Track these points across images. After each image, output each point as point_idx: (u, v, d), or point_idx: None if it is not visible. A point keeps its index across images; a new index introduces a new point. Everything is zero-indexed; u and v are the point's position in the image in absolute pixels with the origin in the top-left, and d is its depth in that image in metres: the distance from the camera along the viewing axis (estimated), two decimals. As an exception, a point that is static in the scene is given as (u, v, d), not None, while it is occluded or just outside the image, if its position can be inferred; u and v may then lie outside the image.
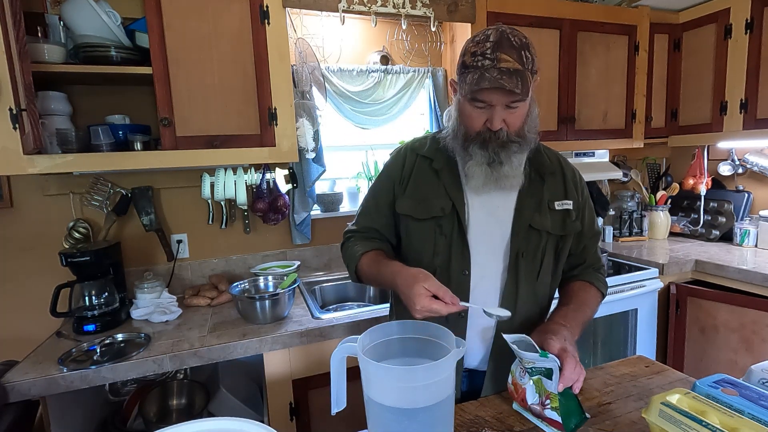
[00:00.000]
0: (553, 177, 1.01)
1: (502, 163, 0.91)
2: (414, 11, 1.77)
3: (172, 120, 1.48)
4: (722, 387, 0.77)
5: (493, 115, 0.88)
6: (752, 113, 2.05)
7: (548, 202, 0.98)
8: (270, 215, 1.82)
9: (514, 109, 0.88)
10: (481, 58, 0.84)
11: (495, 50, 0.84)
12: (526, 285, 0.98)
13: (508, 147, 0.90)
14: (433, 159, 1.01)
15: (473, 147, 0.92)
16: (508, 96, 0.85)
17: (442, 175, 0.99)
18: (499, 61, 0.83)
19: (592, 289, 1.04)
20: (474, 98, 0.87)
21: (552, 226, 0.97)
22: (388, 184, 1.05)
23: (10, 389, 1.15)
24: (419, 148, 1.04)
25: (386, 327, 0.80)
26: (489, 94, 0.86)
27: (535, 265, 0.98)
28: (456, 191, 0.97)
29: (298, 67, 1.79)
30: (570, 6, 2.05)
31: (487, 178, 0.92)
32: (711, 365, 1.98)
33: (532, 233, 0.96)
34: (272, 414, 1.44)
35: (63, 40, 1.47)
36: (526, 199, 0.97)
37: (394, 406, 0.68)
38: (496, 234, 0.97)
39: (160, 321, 1.53)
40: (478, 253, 0.97)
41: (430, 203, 0.97)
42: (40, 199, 1.65)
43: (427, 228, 0.98)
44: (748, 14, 2.01)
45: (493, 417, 0.88)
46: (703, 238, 2.46)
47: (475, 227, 0.97)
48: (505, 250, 0.97)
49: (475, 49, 0.86)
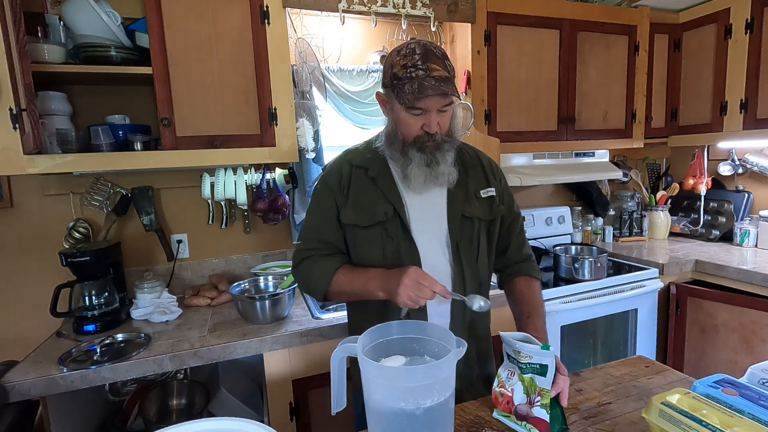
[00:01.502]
0: (475, 169, 1.11)
1: (438, 162, 1.00)
2: (414, 11, 1.77)
3: (172, 120, 1.48)
4: (722, 387, 0.77)
5: (429, 120, 0.96)
6: (752, 113, 2.05)
7: (474, 192, 1.08)
8: (270, 215, 1.82)
9: (444, 113, 0.98)
10: (414, 69, 0.92)
11: (425, 61, 0.92)
12: (469, 270, 1.06)
13: (441, 147, 0.99)
14: (368, 168, 1.06)
15: (412, 151, 0.99)
16: (442, 101, 0.95)
17: (379, 182, 1.05)
18: (432, 71, 0.92)
19: (534, 282, 1.13)
20: (413, 106, 0.94)
21: (481, 212, 1.07)
22: (329, 197, 1.07)
23: (10, 389, 1.15)
24: (353, 158, 1.09)
25: (386, 327, 0.80)
26: (428, 101, 0.93)
27: (473, 251, 1.07)
28: (394, 195, 1.04)
29: (298, 67, 1.79)
30: (570, 6, 2.05)
31: (426, 177, 1.00)
32: (711, 365, 1.98)
33: (465, 222, 1.06)
34: (272, 414, 1.44)
35: (63, 40, 1.47)
36: (455, 192, 1.06)
37: (394, 406, 0.68)
38: (435, 228, 1.05)
39: (160, 321, 1.53)
40: (424, 248, 1.04)
41: (372, 210, 1.03)
42: (40, 199, 1.65)
43: (374, 234, 1.04)
44: (748, 14, 2.01)
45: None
46: (703, 238, 2.46)
47: (416, 225, 1.04)
48: (446, 241, 1.05)
49: (404, 62, 0.93)
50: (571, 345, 1.88)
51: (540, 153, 2.16)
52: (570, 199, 2.62)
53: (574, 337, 1.88)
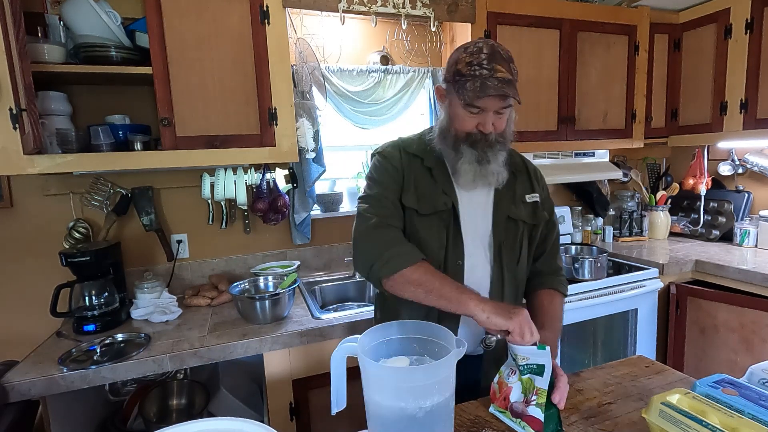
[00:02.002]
0: (522, 174, 1.14)
1: (489, 161, 0.99)
2: (414, 11, 1.77)
3: (172, 120, 1.48)
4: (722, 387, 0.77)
5: (485, 120, 0.97)
6: (752, 113, 2.05)
7: (521, 196, 1.10)
8: (270, 215, 1.82)
9: (502, 115, 0.98)
10: (478, 68, 0.92)
11: (490, 61, 0.92)
12: (509, 273, 1.08)
13: (494, 147, 0.99)
14: (423, 158, 1.07)
15: (464, 146, 0.99)
16: (501, 102, 0.95)
17: (435, 173, 1.06)
18: (496, 72, 0.92)
19: (558, 297, 1.12)
20: (471, 104, 0.95)
21: (527, 216, 1.09)
22: (394, 174, 1.05)
23: (10, 389, 1.15)
24: (407, 146, 1.09)
25: (386, 327, 0.80)
26: (487, 100, 0.94)
27: (515, 253, 1.09)
28: (450, 188, 1.05)
29: (298, 67, 1.79)
30: (570, 6, 2.05)
31: (476, 175, 1.00)
32: (711, 365, 1.97)
33: (510, 224, 1.07)
34: (272, 414, 1.44)
35: (63, 40, 1.47)
36: (503, 194, 1.08)
37: (394, 406, 0.68)
38: (481, 227, 1.06)
39: (160, 321, 1.53)
40: (469, 244, 1.05)
41: (431, 199, 1.04)
42: (40, 199, 1.65)
43: (433, 222, 1.04)
44: (748, 14, 2.01)
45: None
46: (703, 238, 2.46)
47: (465, 221, 1.05)
48: (489, 241, 1.06)
49: (470, 60, 0.94)
50: (571, 345, 1.88)
51: (540, 153, 2.16)
52: (570, 199, 2.62)
53: (574, 337, 1.88)
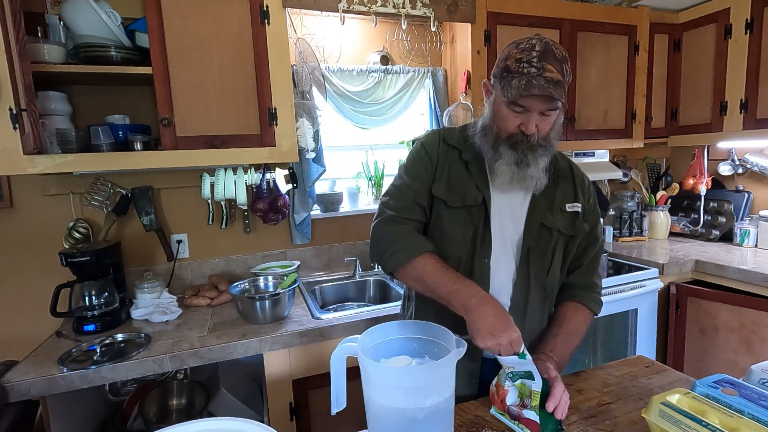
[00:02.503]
0: (565, 181, 1.08)
1: (529, 164, 0.95)
2: (414, 11, 1.77)
3: (172, 120, 1.48)
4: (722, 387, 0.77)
5: (528, 120, 0.92)
6: (752, 113, 2.05)
7: (560, 204, 1.05)
8: (270, 215, 1.82)
9: (547, 117, 0.93)
10: (527, 66, 0.88)
11: (541, 60, 0.88)
12: (536, 279, 1.03)
13: (535, 150, 0.95)
14: (462, 150, 1.04)
15: (503, 147, 0.96)
16: (547, 104, 0.90)
17: (471, 168, 1.03)
18: (545, 71, 0.87)
19: (584, 312, 1.08)
20: (515, 102, 0.91)
21: (563, 226, 1.04)
22: (429, 164, 1.04)
23: (10, 389, 1.15)
24: (448, 137, 1.07)
25: (386, 327, 0.80)
26: (532, 100, 0.90)
27: (546, 261, 1.04)
28: (484, 185, 1.02)
29: (298, 67, 1.79)
30: (570, 6, 2.05)
31: (513, 177, 0.96)
32: (711, 365, 1.97)
33: (544, 231, 1.03)
34: (272, 414, 1.44)
35: (63, 40, 1.47)
36: (540, 200, 1.03)
37: (394, 406, 0.68)
38: (511, 230, 1.03)
39: (160, 321, 1.53)
40: (497, 243, 1.02)
41: (463, 192, 1.01)
42: (40, 199, 1.65)
43: (460, 216, 1.02)
44: (748, 14, 2.01)
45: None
46: (703, 238, 2.46)
47: (495, 220, 1.02)
48: (517, 245, 1.03)
49: (520, 56, 0.90)
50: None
51: (540, 153, 2.15)
52: (570, 199, 2.61)
53: (574, 337, 1.88)
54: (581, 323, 1.07)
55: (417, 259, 0.95)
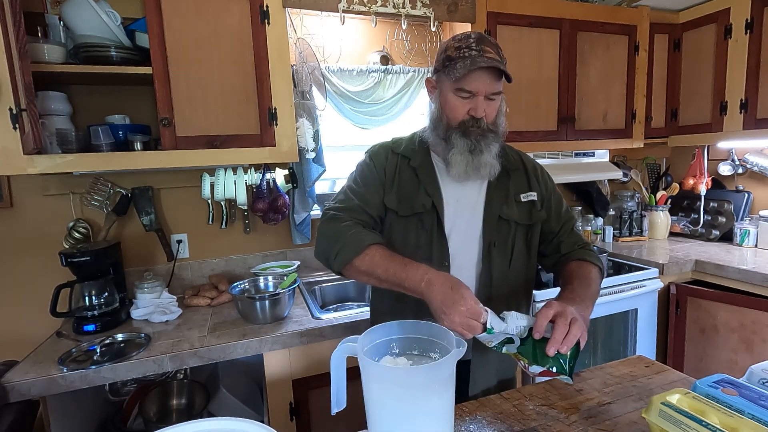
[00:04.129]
0: (517, 172, 1.10)
1: (482, 151, 0.98)
2: (414, 11, 1.77)
3: (172, 120, 1.48)
4: (722, 387, 0.77)
5: (476, 104, 0.96)
6: (752, 113, 2.05)
7: (514, 195, 1.07)
8: (270, 215, 1.82)
9: (493, 101, 0.98)
10: (467, 50, 0.94)
11: (479, 44, 0.94)
12: (499, 273, 1.05)
13: (486, 136, 0.98)
14: (410, 158, 1.06)
15: (455, 136, 0.98)
16: (492, 85, 0.95)
17: (420, 173, 1.05)
18: (485, 52, 0.93)
19: (587, 266, 1.05)
20: (462, 88, 0.95)
21: (519, 216, 1.06)
22: (377, 174, 1.06)
23: (10, 389, 1.15)
24: (397, 147, 1.09)
25: (386, 327, 0.80)
26: (477, 82, 0.94)
27: (507, 254, 1.06)
28: (434, 188, 1.04)
29: (298, 67, 1.79)
30: (570, 6, 2.05)
31: (468, 166, 0.98)
32: (711, 365, 1.97)
33: (502, 224, 1.05)
34: (272, 414, 1.44)
35: (63, 40, 1.47)
36: (495, 193, 1.06)
37: (394, 406, 0.68)
38: (470, 226, 1.04)
39: (160, 321, 1.53)
40: (455, 244, 1.03)
41: (412, 200, 1.03)
42: (40, 199, 1.65)
43: (410, 224, 1.04)
44: (748, 14, 2.01)
45: (493, 417, 0.88)
46: (703, 238, 2.46)
47: (451, 221, 1.04)
48: (478, 241, 1.04)
49: (458, 45, 0.96)
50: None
51: (540, 153, 2.16)
52: (570, 199, 2.62)
53: (574, 337, 1.88)
54: (590, 272, 1.02)
55: (363, 253, 0.93)
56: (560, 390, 0.97)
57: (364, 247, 0.93)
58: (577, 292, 0.93)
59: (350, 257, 0.94)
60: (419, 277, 0.86)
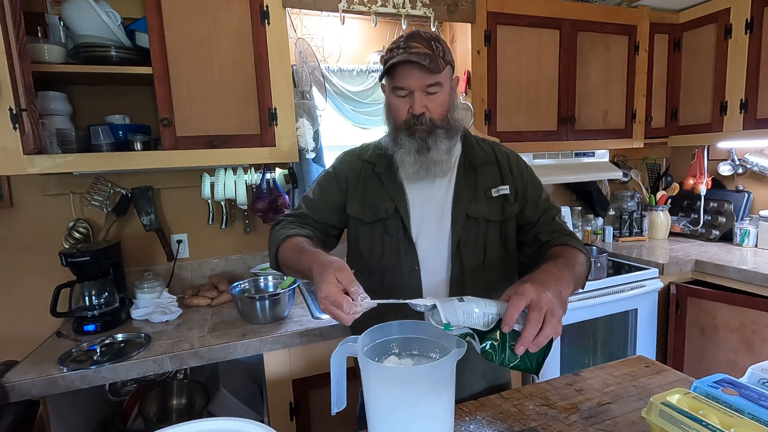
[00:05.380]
0: (488, 166, 1.06)
1: (429, 149, 0.96)
2: (414, 11, 1.77)
3: (172, 120, 1.48)
4: (722, 387, 0.77)
5: (413, 101, 0.94)
6: (752, 113, 2.05)
7: (484, 191, 1.04)
8: (270, 215, 1.82)
9: (434, 95, 0.95)
10: (396, 49, 0.94)
11: (407, 41, 0.94)
12: (472, 272, 1.02)
13: (434, 133, 0.96)
14: (375, 163, 1.06)
15: (402, 137, 0.97)
16: (423, 79, 0.92)
17: (384, 178, 1.04)
18: (410, 48, 0.92)
19: (572, 249, 0.96)
20: (395, 86, 0.95)
21: (489, 212, 1.02)
22: (334, 183, 1.07)
23: (10, 389, 1.15)
24: (362, 153, 1.09)
25: (386, 327, 0.80)
26: (405, 76, 0.93)
27: (479, 252, 1.03)
28: (398, 192, 1.03)
29: (298, 67, 1.79)
30: (570, 6, 2.05)
31: (416, 166, 0.97)
32: (711, 365, 1.98)
33: (471, 222, 1.02)
34: (272, 414, 1.44)
35: (63, 40, 1.47)
36: (462, 190, 1.03)
37: (394, 406, 0.68)
38: (438, 227, 1.02)
39: (160, 321, 1.53)
40: (424, 247, 1.02)
41: (376, 206, 1.03)
42: (40, 199, 1.65)
43: (375, 230, 1.03)
44: (748, 14, 2.01)
45: (493, 417, 0.88)
46: (703, 238, 2.46)
47: (418, 223, 1.02)
48: (447, 240, 1.02)
49: (391, 46, 0.96)
50: (571, 345, 1.88)
51: (540, 153, 2.16)
52: (570, 199, 2.61)
53: (574, 337, 1.88)
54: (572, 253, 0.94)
55: (281, 246, 0.95)
56: (560, 390, 0.97)
57: (280, 241, 0.96)
58: (559, 268, 0.84)
59: (273, 253, 0.98)
60: (306, 265, 0.84)
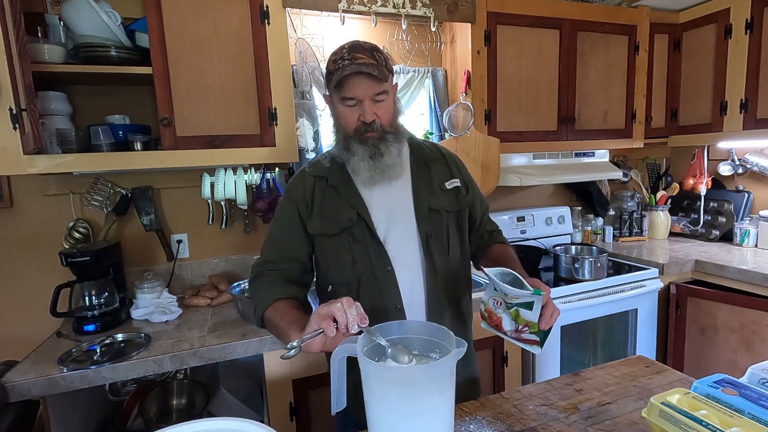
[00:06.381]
0: (438, 162, 1.13)
1: (383, 154, 0.99)
2: (414, 11, 1.77)
3: (172, 120, 1.48)
4: (722, 387, 0.77)
5: (364, 109, 0.97)
6: (752, 113, 2.05)
7: (439, 184, 1.09)
8: (270, 215, 1.82)
9: (381, 103, 0.99)
10: (341, 61, 0.96)
11: (351, 52, 0.96)
12: (441, 262, 1.07)
13: (385, 139, 1.00)
14: (327, 177, 1.07)
15: (354, 144, 1.00)
16: (371, 88, 0.96)
17: (340, 189, 1.06)
18: (356, 59, 0.95)
19: (506, 246, 1.17)
20: (344, 97, 0.97)
21: (448, 203, 1.09)
22: (292, 210, 1.07)
23: (10, 389, 1.15)
24: (313, 170, 1.10)
25: (386, 327, 0.80)
26: (354, 87, 0.96)
27: (444, 243, 1.08)
28: (356, 199, 1.04)
29: (298, 67, 1.79)
30: (570, 6, 2.05)
31: (371, 171, 1.00)
32: (711, 365, 1.98)
33: (434, 214, 1.07)
34: (272, 414, 1.44)
35: (63, 40, 1.47)
36: (420, 186, 1.08)
37: (394, 405, 0.68)
38: (403, 224, 1.05)
39: (160, 321, 1.53)
40: (394, 246, 1.04)
41: (337, 217, 1.04)
42: (40, 199, 1.65)
43: (342, 241, 1.04)
44: (748, 14, 2.01)
45: (493, 417, 0.88)
46: (703, 238, 2.46)
47: (383, 224, 1.04)
48: (416, 236, 1.05)
49: (334, 58, 0.98)
50: (571, 345, 1.88)
51: (540, 153, 2.16)
52: (570, 199, 2.62)
53: (574, 337, 1.88)
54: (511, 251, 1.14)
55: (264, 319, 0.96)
56: (560, 390, 0.97)
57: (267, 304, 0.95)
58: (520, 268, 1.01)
59: (258, 324, 0.99)
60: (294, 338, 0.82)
